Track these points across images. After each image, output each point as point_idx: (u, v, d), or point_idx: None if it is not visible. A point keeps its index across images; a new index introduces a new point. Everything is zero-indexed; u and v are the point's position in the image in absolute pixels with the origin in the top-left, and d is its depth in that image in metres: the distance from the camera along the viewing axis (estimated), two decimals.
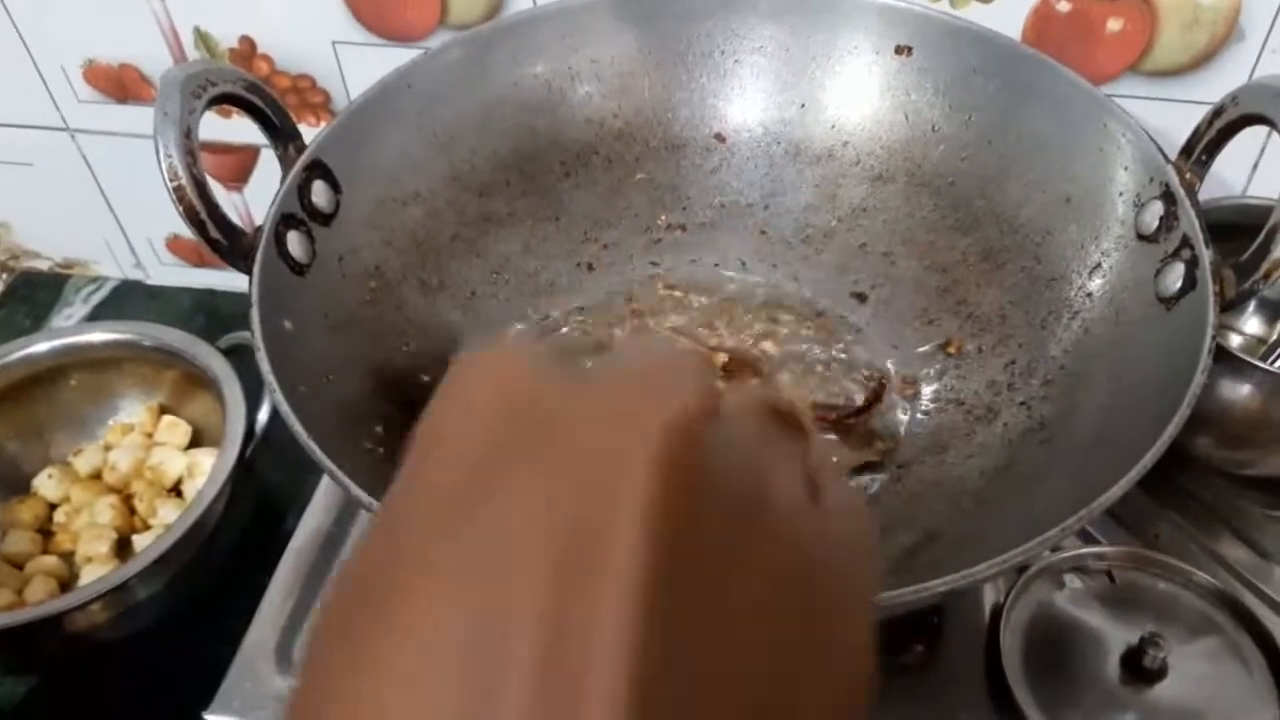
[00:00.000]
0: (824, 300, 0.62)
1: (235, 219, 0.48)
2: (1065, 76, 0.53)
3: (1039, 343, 0.54)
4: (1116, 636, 0.52)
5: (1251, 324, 0.67)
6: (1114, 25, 0.59)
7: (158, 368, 0.68)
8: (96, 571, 0.59)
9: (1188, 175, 0.48)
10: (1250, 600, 0.53)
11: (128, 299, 0.86)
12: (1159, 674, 0.50)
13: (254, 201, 0.79)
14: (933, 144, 0.60)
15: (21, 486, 0.65)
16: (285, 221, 0.50)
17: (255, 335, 0.45)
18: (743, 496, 0.20)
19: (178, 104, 0.46)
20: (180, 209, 0.46)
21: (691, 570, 0.18)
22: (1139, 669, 0.50)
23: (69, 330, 0.70)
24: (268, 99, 0.50)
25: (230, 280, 0.83)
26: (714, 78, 0.63)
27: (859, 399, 0.57)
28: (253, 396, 0.63)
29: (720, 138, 0.64)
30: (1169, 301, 0.47)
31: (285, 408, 0.42)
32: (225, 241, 0.47)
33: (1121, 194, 0.51)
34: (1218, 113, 0.47)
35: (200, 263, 0.85)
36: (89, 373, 0.68)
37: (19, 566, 0.61)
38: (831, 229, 0.63)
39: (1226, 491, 0.62)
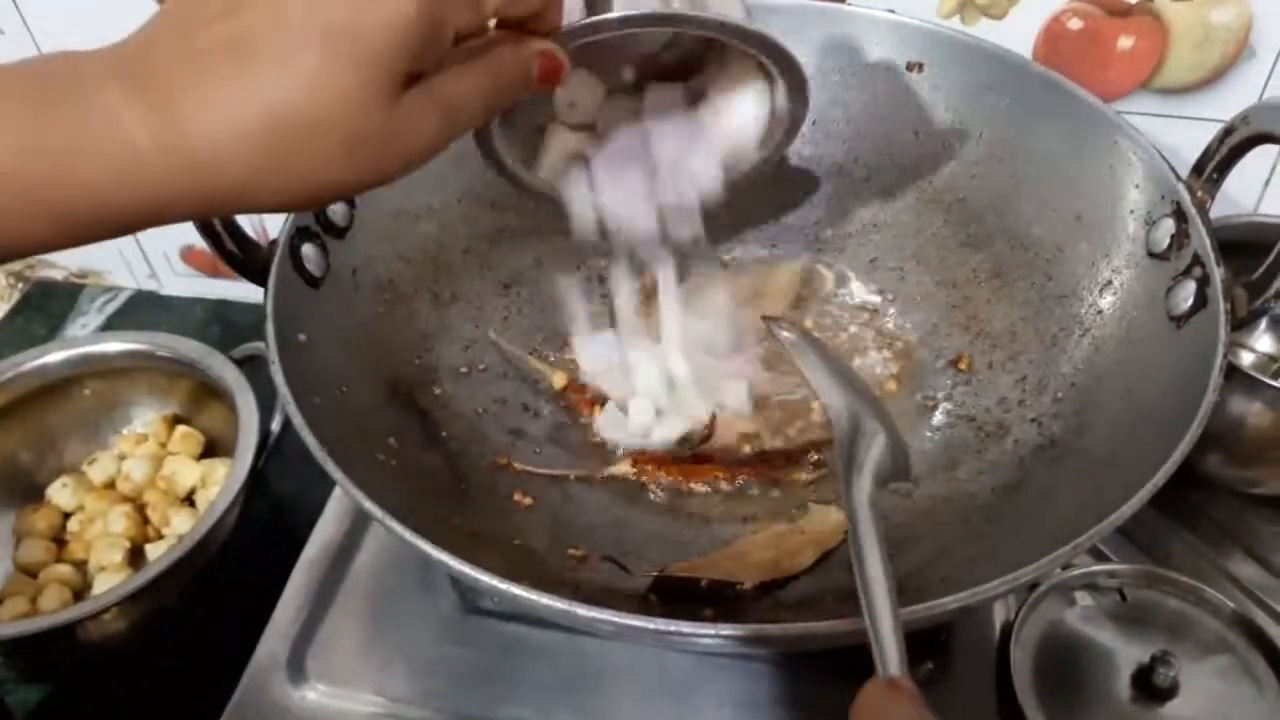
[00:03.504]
0: (832, 316, 0.62)
1: (249, 231, 0.49)
2: (1076, 94, 0.54)
3: (1050, 360, 0.54)
4: (1127, 654, 0.52)
5: (1263, 342, 0.67)
6: (1125, 43, 0.60)
7: (171, 378, 0.68)
8: (110, 580, 0.60)
9: (1199, 193, 0.48)
10: (1262, 619, 0.53)
11: (142, 309, 0.87)
12: (1170, 692, 0.50)
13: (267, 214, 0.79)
14: (943, 160, 0.60)
15: (35, 495, 0.66)
16: (300, 235, 0.50)
17: (270, 348, 0.45)
18: None
19: None
20: (196, 224, 0.46)
21: None
22: (1150, 687, 0.50)
23: (83, 340, 0.70)
24: None
25: (244, 291, 0.83)
26: None
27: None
28: (266, 407, 0.64)
29: None
30: (1180, 319, 0.47)
31: (299, 420, 0.42)
32: (240, 255, 0.48)
33: (1132, 211, 0.51)
34: (1228, 131, 0.47)
35: (214, 273, 0.85)
36: (103, 382, 0.69)
37: (33, 575, 0.62)
38: (841, 244, 0.64)
39: (1238, 510, 0.62)
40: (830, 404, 0.48)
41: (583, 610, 0.37)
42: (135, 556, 0.63)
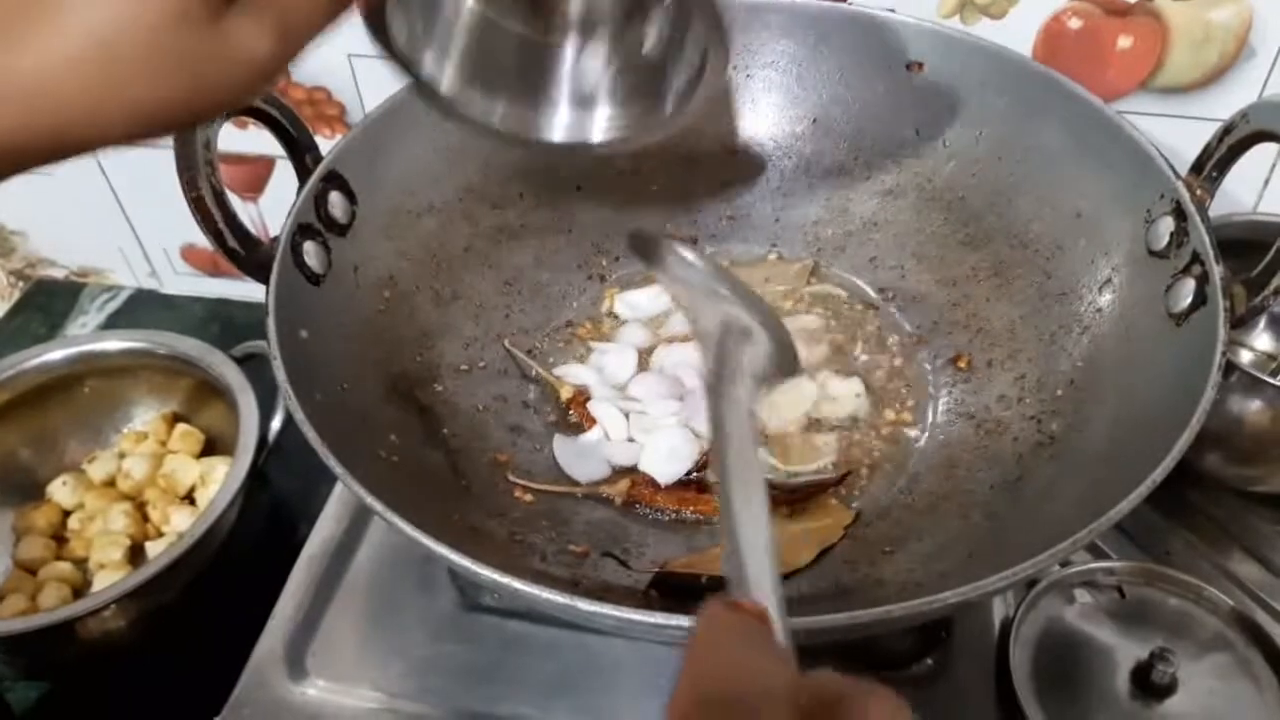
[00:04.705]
0: (833, 313, 0.62)
1: (251, 229, 0.49)
2: (1076, 93, 0.54)
3: (1049, 357, 0.54)
4: (1126, 652, 0.52)
5: (1262, 340, 0.67)
6: (1125, 42, 0.60)
7: (172, 376, 0.68)
8: (109, 578, 0.60)
9: (1198, 192, 0.48)
10: (1261, 617, 0.53)
11: (142, 307, 0.87)
12: (1169, 689, 0.50)
13: (269, 212, 0.79)
14: (943, 159, 0.60)
15: (36, 493, 0.66)
16: (302, 232, 0.50)
17: (272, 344, 0.45)
18: None
19: None
20: (199, 220, 0.46)
21: None
22: (1148, 684, 0.50)
23: (84, 338, 0.70)
24: (286, 111, 0.51)
25: (244, 289, 0.84)
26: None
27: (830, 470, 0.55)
28: (266, 405, 0.64)
29: (731, 151, 0.64)
30: (1179, 317, 0.47)
31: (301, 415, 0.42)
32: (243, 252, 0.48)
33: (1132, 210, 0.52)
34: (1228, 129, 0.47)
35: (215, 272, 0.85)
36: (103, 380, 0.69)
37: (33, 572, 0.62)
38: (842, 243, 0.64)
39: (1237, 508, 0.62)
40: (701, 327, 0.40)
41: (583, 605, 0.37)
42: (135, 554, 0.63)
